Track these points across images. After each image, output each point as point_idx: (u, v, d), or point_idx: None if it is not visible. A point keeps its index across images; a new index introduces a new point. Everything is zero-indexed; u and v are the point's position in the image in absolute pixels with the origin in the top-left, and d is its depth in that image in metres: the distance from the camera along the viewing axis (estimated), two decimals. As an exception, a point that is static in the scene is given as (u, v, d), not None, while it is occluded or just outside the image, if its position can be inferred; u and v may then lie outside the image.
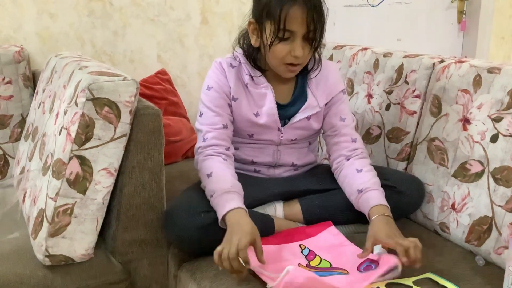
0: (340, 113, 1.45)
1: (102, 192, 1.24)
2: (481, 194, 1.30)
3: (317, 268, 1.21)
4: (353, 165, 1.38)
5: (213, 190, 1.26)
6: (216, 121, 1.38)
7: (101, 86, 1.19)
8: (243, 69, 1.41)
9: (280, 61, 1.33)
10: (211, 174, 1.30)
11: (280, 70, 1.37)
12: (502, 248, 1.23)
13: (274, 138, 1.44)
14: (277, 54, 1.32)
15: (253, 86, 1.40)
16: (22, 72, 1.84)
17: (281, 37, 1.29)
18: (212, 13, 2.27)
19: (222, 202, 1.23)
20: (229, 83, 1.39)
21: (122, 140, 1.24)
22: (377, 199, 1.29)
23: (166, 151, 1.37)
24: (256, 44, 1.37)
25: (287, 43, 1.30)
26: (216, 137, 1.36)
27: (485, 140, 1.31)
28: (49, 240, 1.21)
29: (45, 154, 1.33)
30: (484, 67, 1.37)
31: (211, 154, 1.35)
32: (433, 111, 1.49)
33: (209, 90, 1.40)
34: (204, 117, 1.39)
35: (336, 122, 1.45)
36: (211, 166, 1.32)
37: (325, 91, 1.44)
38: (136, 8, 2.13)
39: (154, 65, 2.21)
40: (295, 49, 1.30)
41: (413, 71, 1.59)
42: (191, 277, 1.26)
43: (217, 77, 1.40)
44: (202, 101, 1.40)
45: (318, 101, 1.43)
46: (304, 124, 1.44)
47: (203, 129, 1.38)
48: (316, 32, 1.30)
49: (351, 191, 1.35)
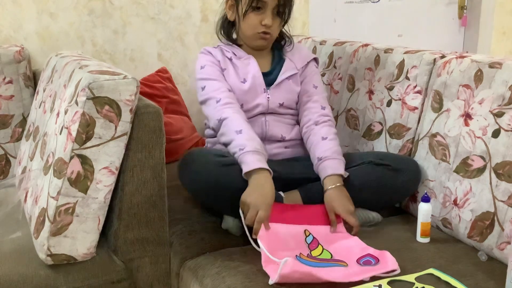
0: (313, 81, 1.61)
1: (104, 191, 1.24)
2: (483, 190, 1.29)
3: (318, 259, 1.22)
4: (320, 132, 1.50)
5: (244, 145, 1.34)
6: (220, 86, 1.50)
7: (102, 85, 1.19)
8: (224, 49, 1.59)
9: (252, 30, 1.52)
10: (241, 131, 1.38)
11: (253, 39, 1.55)
12: (505, 244, 1.23)
13: (263, 101, 1.54)
14: (249, 22, 1.51)
15: (236, 59, 1.57)
16: (22, 71, 1.84)
17: (254, 6, 1.49)
18: (212, 11, 2.27)
19: (252, 159, 1.31)
20: (217, 58, 1.56)
21: (123, 138, 1.24)
22: (332, 168, 1.40)
23: (167, 149, 1.36)
24: (232, 18, 1.57)
25: (259, 13, 1.50)
26: (229, 97, 1.48)
27: (487, 135, 1.31)
28: (51, 239, 1.21)
29: (46, 153, 1.33)
30: (485, 62, 1.36)
31: (234, 112, 1.44)
32: (434, 106, 1.48)
33: (203, 68, 1.54)
34: (207, 88, 1.50)
35: (309, 88, 1.59)
36: (240, 124, 1.40)
37: (300, 58, 1.62)
38: (136, 7, 2.13)
39: (155, 63, 2.21)
40: (266, 18, 1.49)
41: (414, 66, 1.59)
42: (193, 275, 1.26)
43: (206, 57, 1.57)
44: (201, 78, 1.53)
45: (295, 63, 1.60)
46: (286, 86, 1.58)
47: (212, 95, 1.48)
48: (285, 6, 1.52)
49: (313, 158, 1.47)
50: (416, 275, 1.14)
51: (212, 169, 1.32)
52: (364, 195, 1.42)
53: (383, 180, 1.43)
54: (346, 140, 1.79)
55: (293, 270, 1.09)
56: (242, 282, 1.14)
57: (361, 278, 1.12)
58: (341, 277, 1.12)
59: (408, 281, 1.12)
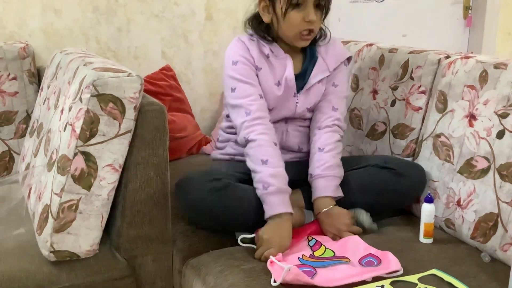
0: (335, 79, 1.52)
1: (107, 188, 1.24)
2: (487, 191, 1.29)
3: (320, 258, 1.23)
4: (319, 140, 1.45)
5: (268, 183, 1.30)
6: (252, 92, 1.42)
7: (106, 82, 1.19)
8: (261, 43, 1.48)
9: (295, 29, 1.42)
10: (266, 162, 1.33)
11: (295, 39, 1.45)
12: (508, 245, 1.23)
13: (291, 106, 1.48)
14: (292, 21, 1.41)
15: (273, 57, 1.47)
16: (27, 68, 1.84)
17: (295, 3, 1.39)
18: (216, 9, 2.27)
19: (275, 201, 1.29)
20: (252, 54, 1.45)
21: (127, 136, 1.24)
22: (321, 190, 1.38)
23: (171, 147, 1.36)
24: (268, 20, 1.45)
25: (300, 10, 1.40)
26: (260, 109, 1.40)
27: (491, 136, 1.30)
28: (54, 236, 1.21)
29: (50, 150, 1.33)
30: (490, 62, 1.36)
31: (262, 133, 1.37)
32: (438, 107, 1.48)
33: (236, 64, 1.44)
34: (238, 91, 1.42)
35: (328, 87, 1.52)
36: (267, 151, 1.35)
37: (334, 56, 1.52)
38: (140, 4, 2.13)
39: (159, 61, 2.21)
40: (309, 14, 1.40)
41: (418, 67, 1.58)
42: (196, 273, 1.26)
43: (240, 50, 1.46)
44: (231, 76, 1.43)
45: (328, 64, 1.50)
46: (316, 89, 1.50)
47: (243, 103, 1.40)
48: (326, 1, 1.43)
49: (308, 172, 1.44)
50: (419, 276, 1.14)
51: (205, 197, 1.29)
52: (368, 197, 1.41)
53: (387, 183, 1.41)
54: (350, 140, 1.79)
55: (295, 279, 1.10)
56: (244, 281, 1.14)
57: (363, 278, 1.12)
58: (343, 279, 1.12)
59: (411, 281, 1.12)
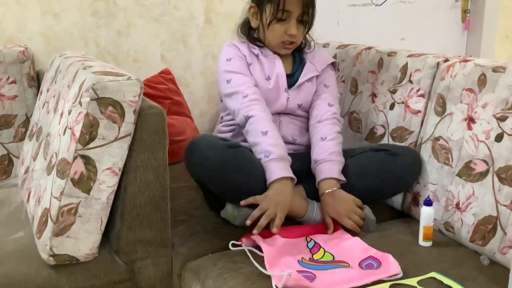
0: (325, 81, 1.62)
1: (107, 192, 1.24)
2: (485, 194, 1.29)
3: (320, 262, 1.23)
4: (321, 131, 1.51)
5: (269, 151, 1.37)
6: (247, 80, 1.51)
7: (105, 85, 1.19)
8: (251, 46, 1.59)
9: (277, 40, 1.55)
10: (266, 133, 1.41)
11: (277, 47, 1.57)
12: (507, 248, 1.23)
13: (283, 101, 1.55)
14: (274, 33, 1.53)
15: (263, 56, 1.58)
16: (26, 72, 1.84)
17: (279, 17, 1.50)
18: (215, 13, 2.27)
19: (276, 167, 1.35)
20: (243, 52, 1.57)
21: (126, 139, 1.24)
22: (327, 171, 1.42)
23: (170, 150, 1.36)
24: (255, 25, 1.58)
25: (283, 24, 1.52)
26: (256, 93, 1.49)
27: (490, 139, 1.31)
28: (53, 240, 1.21)
29: (50, 153, 1.33)
30: (489, 66, 1.36)
31: (261, 109, 1.45)
32: (437, 110, 1.48)
33: (230, 60, 1.55)
34: (233, 81, 1.51)
35: (320, 88, 1.61)
36: (266, 124, 1.42)
37: (320, 61, 1.63)
38: (140, 8, 2.13)
39: (158, 64, 2.21)
40: (290, 28, 1.51)
41: (417, 70, 1.59)
42: (195, 277, 1.26)
43: (232, 50, 1.58)
44: (227, 69, 1.54)
45: (316, 66, 1.61)
46: (306, 88, 1.59)
47: (239, 90, 1.49)
48: (309, 14, 1.53)
49: (311, 160, 1.49)
50: (418, 279, 1.14)
51: (219, 151, 1.33)
52: (366, 181, 1.44)
53: (383, 164, 1.46)
54: (349, 143, 1.79)
55: (296, 284, 1.10)
56: (244, 284, 1.14)
57: (364, 283, 1.12)
58: (342, 283, 1.12)
59: (410, 284, 1.12)
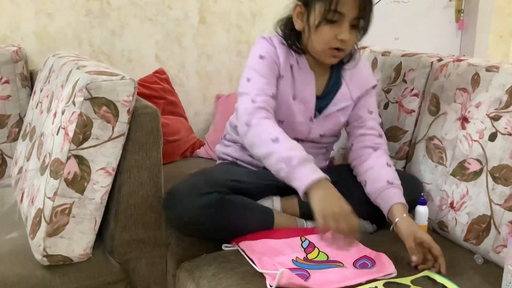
0: (369, 106, 1.46)
1: (100, 192, 1.24)
2: (479, 193, 1.30)
3: (314, 261, 1.23)
4: (383, 157, 1.39)
5: (289, 157, 1.19)
6: (266, 88, 1.33)
7: (99, 85, 1.19)
8: (291, 51, 1.40)
9: (324, 45, 1.33)
10: (277, 139, 1.23)
11: (323, 55, 1.36)
12: (501, 247, 1.23)
13: (304, 129, 1.42)
14: (323, 36, 1.31)
15: (297, 69, 1.40)
16: (19, 71, 1.84)
17: (330, 19, 1.29)
18: (210, 13, 2.27)
19: (304, 172, 1.17)
20: (280, 59, 1.37)
21: (120, 139, 1.23)
22: (401, 197, 1.30)
23: (164, 150, 1.36)
24: (300, 28, 1.37)
25: (334, 26, 1.30)
26: (267, 101, 1.31)
27: (484, 138, 1.31)
28: (47, 240, 1.21)
29: (43, 153, 1.32)
30: (482, 65, 1.37)
31: (266, 117, 1.28)
32: (431, 109, 1.49)
33: (262, 59, 1.36)
34: (252, 82, 1.34)
35: (363, 114, 1.45)
36: (274, 130, 1.25)
37: (358, 83, 1.45)
38: (134, 8, 2.13)
39: (152, 64, 2.20)
40: (342, 33, 1.30)
41: (411, 69, 1.59)
42: (190, 276, 1.26)
43: (269, 49, 1.38)
44: (252, 67, 1.36)
45: (351, 92, 1.44)
46: (334, 117, 1.44)
47: (251, 92, 1.31)
48: (365, 18, 1.32)
49: (378, 180, 1.34)
50: (411, 278, 1.14)
51: (194, 214, 1.24)
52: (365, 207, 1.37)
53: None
54: (343, 143, 1.79)
55: (289, 282, 1.10)
56: (238, 284, 1.14)
57: (358, 281, 1.12)
58: (336, 282, 1.12)
59: (403, 283, 1.12)
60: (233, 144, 1.52)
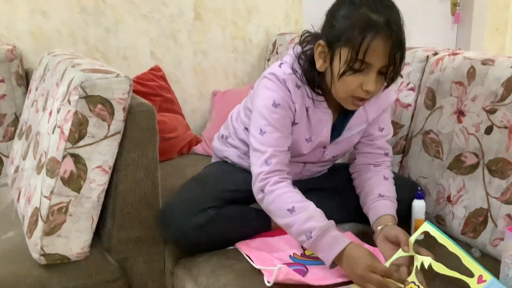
0: (380, 122, 1.39)
1: (97, 190, 1.24)
2: (476, 186, 1.30)
3: (311, 257, 1.23)
4: (382, 171, 1.37)
5: (310, 229, 1.14)
6: (282, 143, 1.25)
7: (94, 83, 1.19)
8: (306, 91, 1.28)
9: (347, 93, 1.22)
10: (293, 208, 1.17)
11: (345, 102, 1.25)
12: (498, 240, 1.24)
13: (317, 155, 1.38)
14: (346, 85, 1.19)
15: (313, 110, 1.30)
16: (14, 70, 1.83)
17: (356, 68, 1.16)
18: (205, 9, 2.26)
19: (327, 243, 1.13)
20: (295, 105, 1.27)
21: (116, 137, 1.23)
22: (393, 210, 1.29)
23: (161, 148, 1.36)
24: (322, 69, 1.24)
25: (359, 75, 1.18)
26: (281, 162, 1.24)
27: (480, 132, 1.31)
28: (44, 239, 1.21)
29: (39, 152, 1.32)
30: (478, 59, 1.37)
31: (279, 181, 1.21)
32: (427, 103, 1.49)
33: (277, 107, 1.25)
34: (267, 137, 1.24)
35: (373, 132, 1.40)
36: (289, 199, 1.19)
37: (378, 101, 1.36)
38: (128, 5, 2.12)
39: (148, 61, 2.20)
40: (368, 83, 1.18)
41: (407, 64, 1.59)
42: (188, 274, 1.26)
43: (283, 95, 1.26)
44: (266, 118, 1.25)
45: (368, 114, 1.36)
46: (348, 140, 1.39)
47: (267, 151, 1.23)
48: (395, 66, 1.18)
49: (370, 192, 1.33)
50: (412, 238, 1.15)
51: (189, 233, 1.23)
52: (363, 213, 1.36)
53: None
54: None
55: (287, 278, 1.10)
56: (236, 280, 1.14)
57: None
58: (334, 277, 1.13)
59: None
60: (234, 149, 1.48)
